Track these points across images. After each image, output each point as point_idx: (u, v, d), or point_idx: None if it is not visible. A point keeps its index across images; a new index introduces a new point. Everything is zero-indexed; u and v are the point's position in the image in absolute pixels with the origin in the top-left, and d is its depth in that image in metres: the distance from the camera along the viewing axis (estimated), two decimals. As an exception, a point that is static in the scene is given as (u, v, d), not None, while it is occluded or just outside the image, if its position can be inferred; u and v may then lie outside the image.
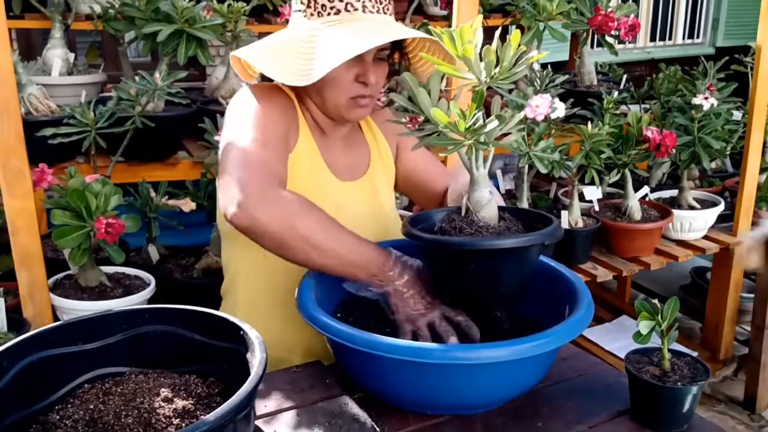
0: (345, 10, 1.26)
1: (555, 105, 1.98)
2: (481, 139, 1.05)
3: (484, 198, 1.11)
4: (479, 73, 1.04)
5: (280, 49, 1.29)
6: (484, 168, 1.11)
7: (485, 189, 1.12)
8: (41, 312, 1.75)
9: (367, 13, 1.26)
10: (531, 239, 1.07)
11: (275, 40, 1.33)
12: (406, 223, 1.17)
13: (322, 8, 1.26)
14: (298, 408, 1.11)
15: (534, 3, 2.63)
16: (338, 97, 1.32)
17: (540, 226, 1.13)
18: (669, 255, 2.52)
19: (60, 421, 0.90)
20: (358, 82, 1.31)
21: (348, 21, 1.25)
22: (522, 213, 1.20)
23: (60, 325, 1.00)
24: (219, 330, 1.00)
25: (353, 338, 1.03)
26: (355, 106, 1.34)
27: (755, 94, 2.59)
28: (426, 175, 1.55)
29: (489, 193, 1.12)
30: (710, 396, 2.90)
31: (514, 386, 1.10)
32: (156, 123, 2.15)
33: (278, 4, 2.56)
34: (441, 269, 1.15)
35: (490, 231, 1.09)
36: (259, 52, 1.31)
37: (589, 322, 1.09)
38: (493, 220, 1.12)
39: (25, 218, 1.67)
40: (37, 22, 2.45)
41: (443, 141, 1.06)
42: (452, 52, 1.03)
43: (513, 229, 1.12)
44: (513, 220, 1.15)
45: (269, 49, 1.31)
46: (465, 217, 1.12)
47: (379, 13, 1.28)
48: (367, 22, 1.26)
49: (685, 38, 6.72)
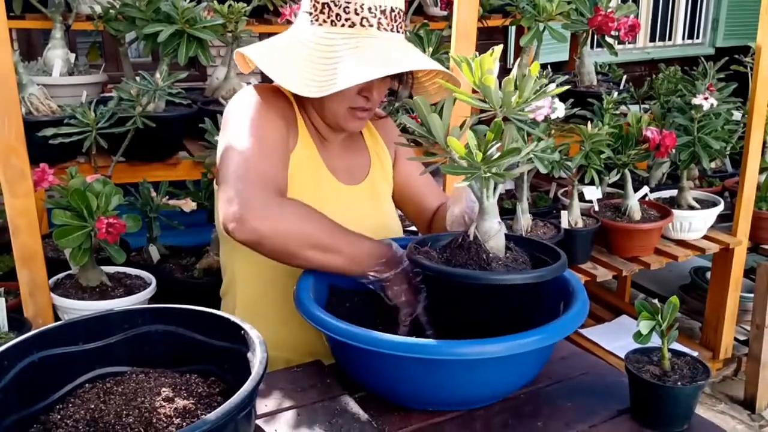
0: (360, 25, 1.25)
1: (555, 105, 2.00)
2: (495, 170, 1.04)
3: (492, 229, 1.11)
4: (497, 103, 1.03)
5: (292, 56, 1.27)
6: (494, 197, 1.11)
7: (494, 219, 1.12)
8: (42, 312, 1.75)
9: (381, 30, 1.26)
10: (541, 275, 1.08)
11: (288, 44, 1.31)
12: (411, 246, 1.17)
13: (336, 18, 1.25)
14: (298, 407, 1.11)
15: (534, 3, 2.63)
16: (338, 107, 1.32)
17: (543, 256, 1.15)
18: (669, 255, 2.53)
19: (61, 420, 0.90)
20: (361, 95, 1.31)
21: (363, 37, 1.25)
22: (525, 242, 1.21)
23: (61, 325, 1.00)
24: (220, 329, 1.00)
25: (352, 335, 1.03)
26: (353, 117, 1.35)
27: (755, 95, 2.59)
28: (420, 189, 1.56)
29: (498, 224, 1.12)
30: (710, 395, 2.90)
31: (510, 382, 1.11)
32: (157, 123, 2.15)
33: (279, 5, 2.56)
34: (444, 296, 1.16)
35: (499, 263, 1.09)
36: (270, 56, 1.29)
37: (584, 318, 1.10)
38: (501, 251, 1.12)
39: (26, 218, 1.67)
40: (38, 22, 2.45)
41: (457, 170, 1.05)
42: (469, 80, 1.03)
43: (520, 261, 1.12)
44: (518, 250, 1.15)
45: (280, 54, 1.29)
46: (473, 246, 1.11)
47: (392, 31, 1.27)
48: (382, 42, 1.25)
49: (685, 38, 6.73)
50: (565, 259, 1.13)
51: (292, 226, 1.18)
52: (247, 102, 1.32)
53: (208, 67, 3.10)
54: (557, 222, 2.34)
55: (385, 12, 1.25)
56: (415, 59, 1.27)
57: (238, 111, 1.32)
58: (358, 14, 1.24)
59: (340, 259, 1.20)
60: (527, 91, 1.02)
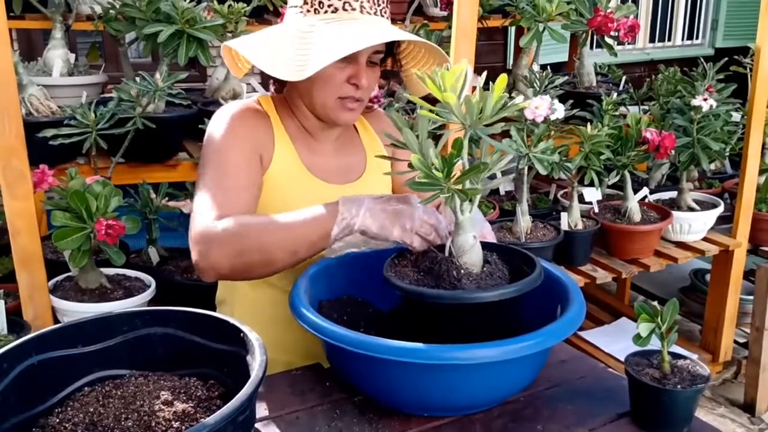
0: (343, 9, 1.25)
1: (554, 106, 2.00)
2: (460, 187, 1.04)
3: (467, 243, 1.10)
4: (462, 118, 1.03)
5: (274, 43, 1.28)
6: (470, 212, 1.10)
7: (469, 234, 1.11)
8: (41, 314, 1.75)
9: (364, 14, 1.26)
10: (509, 291, 1.06)
11: (269, 34, 1.33)
12: (386, 265, 1.16)
13: (319, 5, 1.26)
14: (297, 411, 1.11)
15: (533, 4, 2.63)
16: (327, 96, 1.32)
17: (526, 267, 1.13)
18: (668, 257, 2.52)
19: (60, 424, 0.90)
20: (350, 83, 1.31)
21: (345, 20, 1.25)
22: (508, 252, 1.19)
23: (60, 328, 1.00)
24: (219, 332, 1.00)
25: (348, 340, 1.03)
26: (343, 107, 1.34)
27: (754, 95, 2.59)
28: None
29: (473, 238, 1.11)
30: (710, 398, 2.90)
31: (508, 386, 1.10)
32: (156, 124, 2.15)
33: (278, 5, 2.56)
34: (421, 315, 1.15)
35: (471, 279, 1.08)
36: (252, 44, 1.31)
37: (580, 322, 1.09)
38: (476, 265, 1.11)
39: (26, 219, 1.67)
40: (38, 22, 2.45)
41: (422, 187, 1.05)
42: (437, 95, 1.03)
43: (496, 275, 1.11)
44: (499, 263, 1.14)
45: (262, 41, 1.30)
46: (445, 262, 1.11)
47: (376, 15, 1.28)
48: (364, 22, 1.26)
49: (685, 39, 6.73)
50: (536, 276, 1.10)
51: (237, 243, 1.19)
52: (216, 128, 1.33)
53: (208, 68, 3.10)
54: (557, 224, 2.34)
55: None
56: (395, 33, 1.27)
57: (208, 139, 1.34)
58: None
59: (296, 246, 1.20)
60: (489, 109, 1.02)
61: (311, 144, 1.41)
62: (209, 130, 1.35)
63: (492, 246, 1.20)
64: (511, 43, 4.70)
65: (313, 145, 1.41)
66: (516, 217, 2.25)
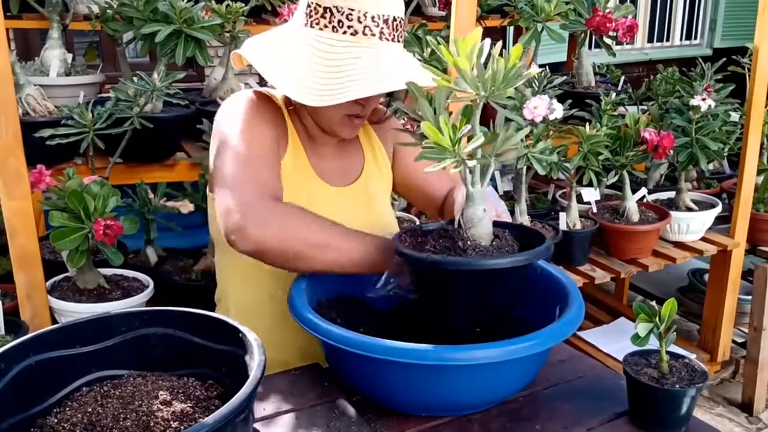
0: (362, 34, 1.23)
1: (553, 106, 2.00)
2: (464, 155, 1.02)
3: (476, 216, 1.10)
4: (476, 87, 1.03)
5: (290, 60, 1.26)
6: (482, 185, 1.10)
7: (479, 206, 1.10)
8: (39, 314, 1.75)
9: (383, 40, 1.25)
10: (515, 260, 1.06)
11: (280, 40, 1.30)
12: (398, 234, 1.16)
13: (338, 24, 1.24)
14: (296, 411, 1.11)
15: (532, 4, 2.63)
16: (334, 114, 1.32)
17: (537, 244, 1.12)
18: (667, 257, 2.53)
19: (58, 424, 0.90)
20: (358, 103, 1.31)
21: (365, 47, 1.23)
22: (522, 230, 1.18)
23: (58, 328, 1.00)
24: (218, 332, 1.00)
25: (346, 340, 1.03)
26: (348, 124, 1.35)
27: (753, 96, 2.59)
28: (426, 177, 1.54)
29: (483, 211, 1.10)
30: (708, 398, 2.91)
31: (506, 387, 1.10)
32: (154, 124, 2.14)
33: (277, 5, 2.56)
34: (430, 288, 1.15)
35: (478, 250, 1.08)
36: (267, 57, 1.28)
37: (579, 323, 1.10)
38: (485, 238, 1.10)
39: (23, 220, 1.67)
40: (35, 22, 2.44)
41: (430, 154, 1.04)
42: (450, 62, 1.02)
43: (505, 249, 1.10)
44: (509, 238, 1.13)
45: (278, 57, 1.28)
46: (456, 233, 1.10)
47: (394, 41, 1.27)
48: (384, 53, 1.24)
49: (683, 39, 6.74)
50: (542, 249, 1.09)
51: (292, 229, 1.17)
52: (236, 110, 1.32)
53: (206, 68, 3.09)
54: (555, 224, 2.34)
55: (387, 21, 1.24)
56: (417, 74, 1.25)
57: (229, 119, 1.31)
58: (361, 22, 1.23)
59: (346, 257, 1.20)
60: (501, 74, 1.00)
61: (313, 144, 1.41)
62: (227, 112, 1.33)
63: (504, 224, 1.19)
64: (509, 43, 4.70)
65: (315, 145, 1.42)
66: (514, 217, 2.25)
